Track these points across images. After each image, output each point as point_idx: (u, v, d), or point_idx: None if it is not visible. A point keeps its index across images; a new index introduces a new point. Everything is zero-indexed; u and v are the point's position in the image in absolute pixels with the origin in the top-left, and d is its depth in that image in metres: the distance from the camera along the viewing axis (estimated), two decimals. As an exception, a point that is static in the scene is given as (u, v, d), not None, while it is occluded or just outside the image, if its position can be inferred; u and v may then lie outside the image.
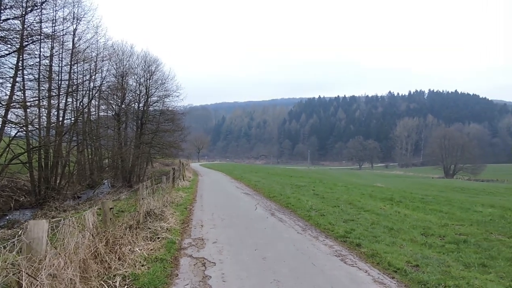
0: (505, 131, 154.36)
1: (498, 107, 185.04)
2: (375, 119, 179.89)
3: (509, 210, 13.23)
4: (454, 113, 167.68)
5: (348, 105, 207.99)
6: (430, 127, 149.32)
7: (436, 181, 59.05)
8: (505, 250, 6.65)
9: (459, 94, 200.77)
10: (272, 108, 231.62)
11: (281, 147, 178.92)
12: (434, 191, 32.33)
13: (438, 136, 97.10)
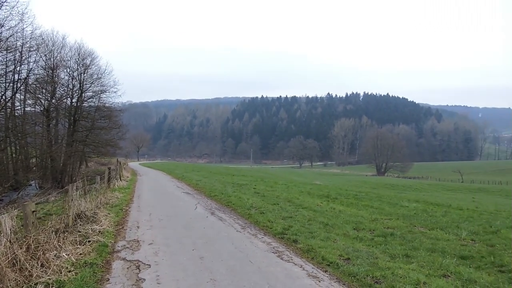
0: (429, 132, 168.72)
1: (423, 110, 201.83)
2: (315, 119, 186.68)
3: (431, 205, 14.48)
4: (386, 115, 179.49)
5: (290, 105, 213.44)
6: (364, 128, 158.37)
7: (369, 178, 62.85)
8: (426, 241, 7.24)
9: (390, 97, 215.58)
10: (215, 107, 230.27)
11: (224, 146, 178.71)
12: (367, 188, 34.38)
13: (372, 136, 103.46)
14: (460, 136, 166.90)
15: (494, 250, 6.61)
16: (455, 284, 4.81)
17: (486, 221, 10.21)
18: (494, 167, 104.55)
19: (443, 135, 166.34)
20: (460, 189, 45.04)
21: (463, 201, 22.37)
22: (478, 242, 7.27)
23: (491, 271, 5.45)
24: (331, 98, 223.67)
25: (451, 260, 5.89)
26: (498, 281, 4.95)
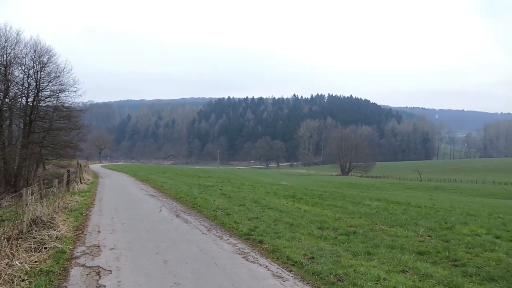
0: (390, 133, 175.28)
1: (385, 111, 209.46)
2: (281, 120, 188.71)
3: (392, 203, 15.03)
4: (349, 116, 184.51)
5: (257, 106, 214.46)
6: (329, 129, 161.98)
7: (334, 178, 64.34)
8: (386, 238, 7.49)
9: (354, 99, 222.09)
10: (181, 107, 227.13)
11: (191, 147, 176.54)
12: (332, 188, 35.16)
13: (336, 137, 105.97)
14: (419, 136, 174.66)
15: (449, 245, 6.95)
16: (413, 279, 5.01)
17: (442, 217, 10.73)
18: (450, 166, 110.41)
19: (403, 136, 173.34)
20: (418, 187, 47.12)
21: (421, 199, 23.38)
22: (434, 238, 7.61)
23: (446, 265, 5.73)
24: (297, 100, 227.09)
25: (409, 256, 6.13)
26: (452, 274, 5.20)
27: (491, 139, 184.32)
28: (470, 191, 42.57)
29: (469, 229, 8.62)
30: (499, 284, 4.87)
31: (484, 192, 41.96)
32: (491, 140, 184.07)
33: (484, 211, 14.81)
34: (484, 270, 5.38)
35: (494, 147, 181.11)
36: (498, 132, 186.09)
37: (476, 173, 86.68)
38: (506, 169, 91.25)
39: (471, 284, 4.82)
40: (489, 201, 28.85)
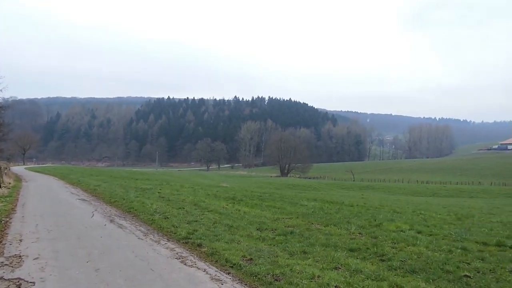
0: (326, 136, 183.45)
1: (321, 115, 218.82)
2: (222, 122, 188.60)
3: (327, 203, 15.71)
4: (289, 119, 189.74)
5: (197, 107, 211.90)
6: (269, 131, 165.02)
7: (274, 179, 65.70)
8: (321, 237, 7.81)
9: (293, 102, 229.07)
10: (117, 107, 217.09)
11: (128, 148, 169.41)
12: (271, 189, 35.91)
13: (276, 139, 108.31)
14: (352, 139, 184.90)
15: (377, 241, 7.44)
16: (344, 275, 5.28)
17: (372, 215, 11.46)
18: (379, 166, 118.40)
19: (338, 138, 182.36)
20: (352, 187, 49.90)
21: (354, 198, 24.77)
22: (364, 235, 8.09)
23: (374, 260, 6.12)
24: (238, 101, 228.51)
25: (342, 253, 6.46)
26: (379, 269, 5.58)
27: (415, 141, 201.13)
28: (397, 190, 46.02)
29: (395, 225, 9.30)
30: (419, 275, 5.31)
31: (409, 190, 45.60)
32: (415, 142, 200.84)
33: (408, 208, 16.07)
34: (407, 264, 5.83)
35: (418, 149, 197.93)
36: (421, 135, 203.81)
37: (402, 173, 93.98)
38: (428, 169, 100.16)
39: (395, 277, 5.20)
40: (413, 199, 31.43)
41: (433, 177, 79.26)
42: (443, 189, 46.06)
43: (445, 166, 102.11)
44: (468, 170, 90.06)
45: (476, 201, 31.78)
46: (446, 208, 18.82)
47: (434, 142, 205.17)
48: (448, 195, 40.95)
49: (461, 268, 5.60)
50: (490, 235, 8.25)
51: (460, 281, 5.04)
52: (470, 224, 10.41)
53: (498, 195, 41.24)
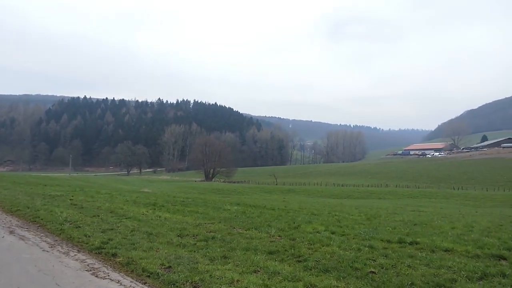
0: (250, 140, 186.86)
1: (246, 119, 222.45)
2: (145, 125, 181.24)
3: (250, 206, 15.96)
4: (214, 123, 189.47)
5: (117, 108, 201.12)
6: (194, 134, 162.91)
7: (198, 184, 64.88)
8: (242, 241, 7.89)
9: (218, 106, 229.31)
10: (24, 105, 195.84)
11: (35, 151, 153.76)
12: (195, 194, 35.38)
13: (200, 143, 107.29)
14: (275, 143, 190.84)
15: (295, 243, 7.74)
16: (263, 277, 5.40)
17: (291, 218, 11.91)
18: (300, 170, 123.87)
19: (262, 143, 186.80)
20: (274, 191, 51.41)
21: (276, 202, 25.52)
22: (283, 238, 8.37)
23: (291, 262, 6.36)
24: (162, 104, 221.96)
25: (261, 256, 6.59)
26: (296, 270, 5.81)
27: (332, 146, 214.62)
28: (316, 193, 48.62)
29: (312, 227, 9.79)
30: (331, 274, 5.64)
31: (326, 193, 48.47)
32: (332, 147, 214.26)
33: (325, 210, 17.02)
34: (321, 263, 6.16)
35: (335, 153, 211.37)
36: (337, 141, 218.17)
37: (321, 176, 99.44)
38: (343, 172, 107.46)
39: (310, 277, 5.45)
40: (330, 201, 33.41)
41: (347, 180, 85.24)
42: (356, 192, 49.80)
43: (358, 170, 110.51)
44: (377, 173, 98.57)
45: (384, 202, 34.89)
46: (357, 209, 20.31)
47: (349, 147, 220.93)
48: (360, 197, 44.37)
49: (368, 265, 6.08)
50: (393, 233, 9.09)
51: (366, 277, 5.46)
52: (377, 224, 11.36)
53: (402, 196, 45.84)
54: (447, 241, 7.82)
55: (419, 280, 5.25)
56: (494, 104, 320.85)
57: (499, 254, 6.57)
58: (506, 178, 73.21)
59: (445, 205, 30.41)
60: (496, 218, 14.57)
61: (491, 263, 6.05)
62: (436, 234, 8.96)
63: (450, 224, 11.33)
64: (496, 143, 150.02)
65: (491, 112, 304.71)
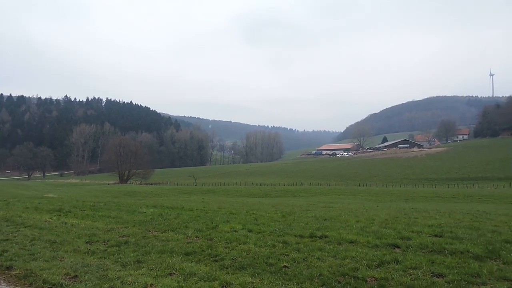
0: (169, 140, 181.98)
1: (164, 119, 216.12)
2: (49, 124, 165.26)
3: (167, 208, 15.55)
4: (129, 122, 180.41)
5: (15, 106, 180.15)
6: (107, 135, 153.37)
7: (111, 187, 61.05)
8: (158, 244, 7.66)
9: (134, 105, 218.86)
10: None
11: None
12: (108, 197, 33.25)
13: (114, 143, 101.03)
14: (195, 144, 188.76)
15: (212, 243, 7.75)
16: (178, 280, 5.31)
17: (210, 218, 11.87)
18: (220, 171, 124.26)
19: (181, 143, 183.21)
20: (194, 191, 50.72)
21: (195, 203, 25.18)
22: (200, 238, 8.32)
23: (208, 262, 6.35)
24: (70, 102, 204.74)
25: (177, 258, 6.47)
26: (212, 269, 5.82)
27: (251, 146, 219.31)
28: (235, 193, 49.12)
29: (230, 226, 9.88)
30: (247, 271, 5.77)
31: (245, 192, 49.27)
32: (251, 147, 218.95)
33: (243, 209, 17.30)
34: (237, 261, 6.26)
35: (253, 153, 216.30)
36: (256, 141, 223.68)
37: (240, 176, 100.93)
38: (261, 172, 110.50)
39: (226, 275, 5.51)
40: (248, 200, 34.06)
41: (265, 179, 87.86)
42: (273, 190, 51.52)
43: (275, 170, 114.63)
44: (293, 172, 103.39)
45: (299, 199, 36.69)
46: (274, 207, 21.03)
47: (267, 147, 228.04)
48: (277, 195, 46.03)
49: (281, 260, 6.35)
50: (306, 229, 9.61)
51: (280, 272, 5.70)
52: (291, 220, 11.90)
53: (315, 193, 48.64)
54: (352, 234, 8.51)
55: (326, 271, 5.64)
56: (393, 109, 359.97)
57: (394, 243, 7.36)
58: (402, 175, 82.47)
59: (352, 201, 33.05)
60: (393, 211, 16.26)
61: (387, 252, 6.75)
62: (343, 227, 9.70)
63: (355, 218, 12.34)
64: (394, 144, 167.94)
65: (391, 115, 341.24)
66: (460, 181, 69.75)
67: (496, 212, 15.00)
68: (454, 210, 16.24)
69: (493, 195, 34.31)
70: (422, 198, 34.53)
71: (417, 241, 7.41)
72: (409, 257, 6.24)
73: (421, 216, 12.72)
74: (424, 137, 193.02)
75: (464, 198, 32.38)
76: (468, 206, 22.17)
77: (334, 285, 5.10)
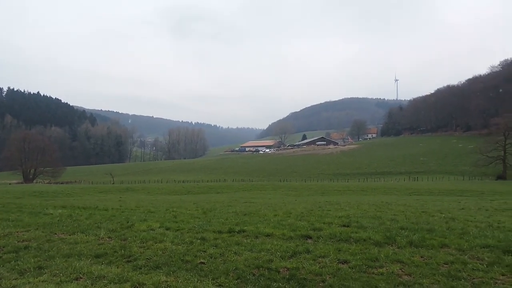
0: (83, 136, 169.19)
1: (78, 113, 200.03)
2: None
3: (78, 209, 14.46)
4: (36, 115, 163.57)
5: None
6: (9, 129, 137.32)
7: (14, 187, 54.79)
8: (64, 248, 7.07)
9: (42, 96, 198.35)
10: None
11: None
12: (9, 198, 29.75)
13: (17, 138, 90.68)
14: (113, 140, 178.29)
15: (126, 243, 7.39)
16: (86, 284, 4.97)
17: (126, 217, 11.31)
18: (140, 168, 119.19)
19: (97, 139, 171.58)
20: (111, 190, 47.80)
21: (111, 202, 23.81)
22: (114, 239, 7.89)
23: (120, 263, 6.05)
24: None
25: (86, 261, 6.05)
26: (124, 270, 5.56)
27: (174, 143, 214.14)
28: (156, 190, 47.45)
29: (147, 225, 9.53)
30: (162, 270, 5.62)
31: (167, 190, 47.90)
32: (174, 144, 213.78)
33: (163, 207, 16.85)
34: (152, 261, 6.07)
35: (176, 150, 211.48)
36: (179, 138, 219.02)
37: (162, 173, 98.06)
38: (184, 169, 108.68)
39: (139, 276, 5.30)
40: (170, 197, 33.22)
41: (189, 176, 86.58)
42: (196, 187, 50.93)
43: (199, 166, 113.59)
44: (217, 169, 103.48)
45: (221, 195, 36.80)
46: (196, 204, 20.82)
47: (190, 144, 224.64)
48: (200, 192, 45.61)
49: (198, 256, 6.31)
50: (225, 224, 9.68)
51: (196, 268, 5.66)
52: (212, 216, 11.89)
53: (238, 189, 49.24)
54: (269, 227, 8.79)
55: (242, 264, 5.75)
56: (312, 108, 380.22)
57: (307, 234, 7.78)
58: (319, 170, 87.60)
59: (273, 196, 34.16)
60: (309, 205, 17.19)
61: (300, 243, 7.11)
62: (261, 221, 9.98)
63: (274, 212, 12.78)
64: (313, 141, 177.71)
65: (310, 114, 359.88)
66: (369, 175, 76.42)
67: (396, 203, 16.73)
68: (362, 202, 17.75)
69: (396, 187, 38.22)
70: (336, 191, 37.05)
71: (328, 231, 7.94)
72: (319, 247, 6.65)
73: (333, 208, 13.65)
74: (339, 135, 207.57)
75: (372, 191, 35.48)
76: (374, 198, 24.38)
77: (248, 277, 5.22)
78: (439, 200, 21.08)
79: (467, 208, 14.31)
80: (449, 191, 31.78)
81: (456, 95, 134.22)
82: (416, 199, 22.30)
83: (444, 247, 6.59)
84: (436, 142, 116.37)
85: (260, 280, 5.13)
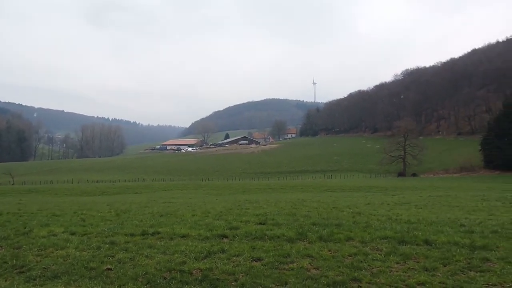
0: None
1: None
2: None
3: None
4: None
5: None
6: None
7: None
8: None
9: None
10: None
11: None
12: None
13: None
14: (14, 135, 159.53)
15: (19, 252, 6.58)
16: (-38, 302, 4.28)
17: (23, 222, 10.16)
18: (47, 166, 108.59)
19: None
20: (10, 192, 42.70)
21: (8, 205, 21.24)
22: (5, 247, 6.97)
23: (10, 275, 5.35)
24: None
25: (-34, 276, 5.23)
26: (14, 283, 4.92)
27: (88, 140, 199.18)
28: (65, 191, 43.59)
29: (48, 230, 8.63)
30: (61, 279, 5.09)
31: (78, 191, 44.31)
32: (88, 141, 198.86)
33: (70, 209, 15.47)
34: (50, 270, 5.47)
35: (90, 148, 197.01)
36: (94, 134, 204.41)
37: (73, 173, 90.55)
38: (99, 168, 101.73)
39: (32, 288, 4.74)
40: (80, 199, 30.76)
41: (104, 176, 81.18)
42: (111, 187, 47.96)
43: (115, 165, 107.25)
44: (135, 168, 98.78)
45: (139, 196, 35.12)
46: (109, 205, 19.55)
47: (106, 141, 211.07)
48: (116, 192, 43.04)
49: (105, 262, 5.85)
50: (139, 226, 9.19)
51: (101, 275, 5.23)
52: (125, 218, 11.22)
53: (157, 189, 47.47)
54: (185, 228, 8.55)
55: (153, 268, 5.47)
56: (235, 108, 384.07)
57: (223, 233, 7.73)
58: (241, 169, 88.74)
59: (194, 195, 33.62)
60: (229, 204, 17.23)
61: (216, 242, 7.03)
62: (178, 222, 9.68)
63: (192, 212, 12.52)
64: (235, 141, 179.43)
65: (233, 114, 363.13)
66: (288, 173, 79.56)
67: (311, 199, 17.62)
68: (280, 199, 18.34)
69: (312, 185, 40.37)
70: (257, 190, 37.84)
71: (244, 230, 7.98)
72: (234, 246, 6.64)
73: (252, 207, 13.85)
74: (261, 134, 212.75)
75: (290, 189, 36.97)
76: (292, 195, 25.40)
77: (159, 282, 4.98)
78: (349, 196, 22.75)
79: (372, 203, 15.63)
80: (358, 187, 34.49)
81: (365, 99, 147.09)
82: (329, 195, 23.76)
83: (350, 240, 7.04)
84: (348, 143, 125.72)
85: (171, 283, 4.93)
